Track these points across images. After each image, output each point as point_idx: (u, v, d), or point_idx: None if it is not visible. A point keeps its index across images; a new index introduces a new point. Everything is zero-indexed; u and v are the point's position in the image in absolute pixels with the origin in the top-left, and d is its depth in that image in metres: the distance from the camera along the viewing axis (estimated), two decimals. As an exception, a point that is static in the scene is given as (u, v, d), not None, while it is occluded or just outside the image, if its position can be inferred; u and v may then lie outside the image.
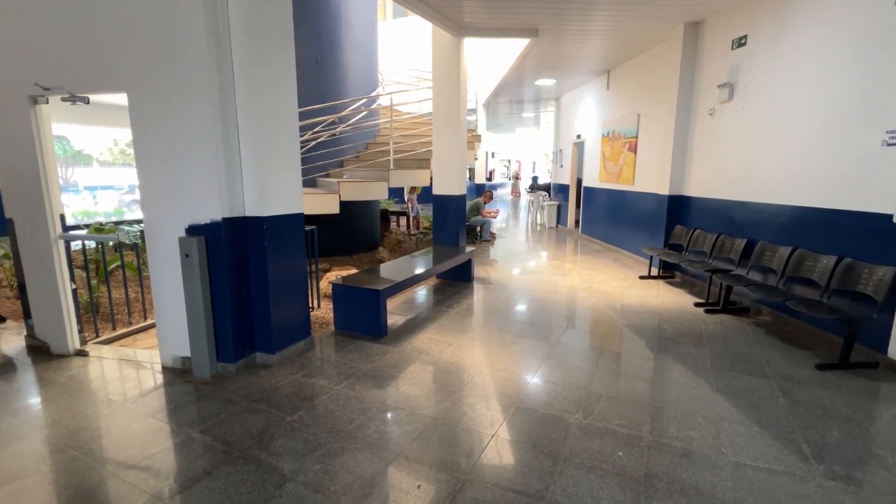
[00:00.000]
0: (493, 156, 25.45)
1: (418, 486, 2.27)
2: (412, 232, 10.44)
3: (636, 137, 7.73)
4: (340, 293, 4.36)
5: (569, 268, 7.38)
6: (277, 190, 3.58)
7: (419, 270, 5.07)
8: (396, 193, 12.99)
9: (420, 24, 12.33)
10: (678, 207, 6.50)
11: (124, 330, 4.58)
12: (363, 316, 4.27)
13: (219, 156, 3.25)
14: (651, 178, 7.21)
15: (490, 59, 10.71)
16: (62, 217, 3.88)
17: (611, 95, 8.89)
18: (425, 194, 11.87)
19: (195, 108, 3.21)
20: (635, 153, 7.79)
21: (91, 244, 5.70)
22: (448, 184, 6.44)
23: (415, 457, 2.51)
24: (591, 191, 10.00)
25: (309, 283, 4.40)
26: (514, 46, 8.13)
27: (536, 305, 5.37)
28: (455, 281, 6.28)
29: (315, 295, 5.09)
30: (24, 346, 4.12)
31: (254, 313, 3.62)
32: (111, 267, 5.68)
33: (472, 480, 2.31)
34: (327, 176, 7.22)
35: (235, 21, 3.24)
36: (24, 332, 4.18)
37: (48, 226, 3.76)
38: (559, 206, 12.15)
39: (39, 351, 4.00)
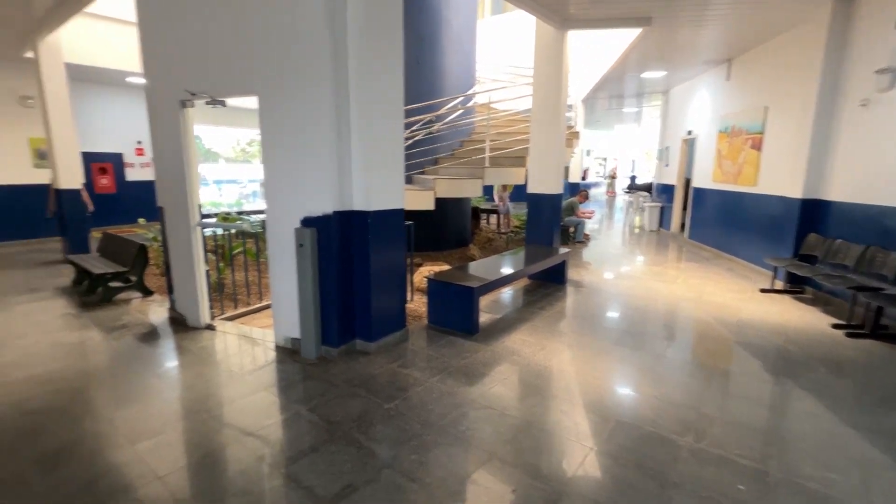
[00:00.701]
0: (588, 153, 24.38)
1: (513, 491, 2.22)
2: (503, 230, 10.36)
3: (761, 133, 6.89)
4: (435, 288, 4.44)
5: (673, 275, 6.80)
6: (382, 186, 3.73)
7: (512, 270, 5.00)
8: (486, 191, 12.98)
9: (519, 19, 12.15)
10: (813, 213, 5.67)
11: (243, 309, 5.09)
12: (456, 312, 4.30)
13: (333, 153, 3.47)
14: (778, 178, 6.38)
15: (591, 52, 10.24)
16: (199, 207, 4.41)
17: (731, 87, 8.02)
18: (517, 192, 11.71)
19: (314, 109, 3.45)
20: (759, 150, 6.94)
21: (219, 231, 6.42)
22: (544, 182, 6.27)
23: (508, 459, 2.46)
24: (701, 192, 9.13)
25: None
26: (621, 38, 7.67)
27: (636, 314, 5.02)
28: (547, 282, 6.10)
29: (409, 288, 5.25)
30: (166, 318, 4.77)
31: (355, 302, 3.82)
32: (234, 252, 6.35)
33: (568, 493, 2.21)
34: (422, 173, 7.40)
35: (352, 27, 3.41)
36: (168, 306, 4.83)
37: (189, 214, 4.30)
38: (662, 208, 11.27)
39: (178, 323, 4.60)
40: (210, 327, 4.46)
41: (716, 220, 8.48)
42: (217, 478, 2.34)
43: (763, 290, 5.88)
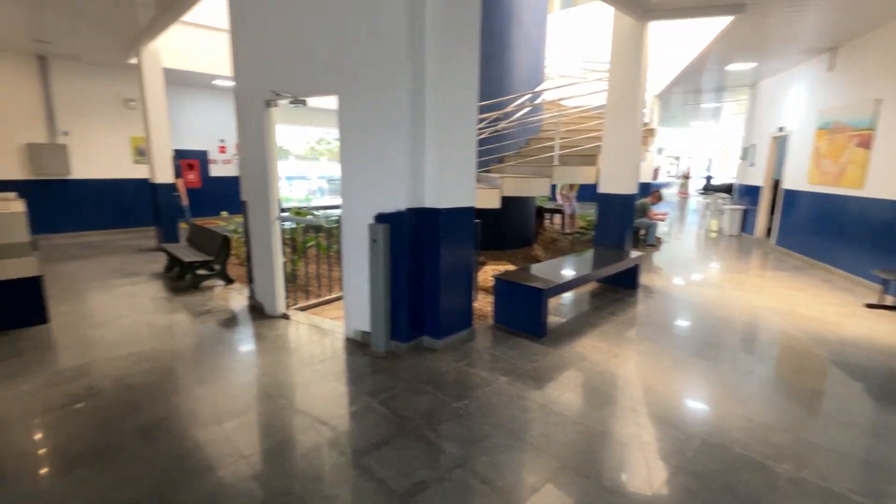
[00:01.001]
0: (659, 152, 23.10)
1: (590, 505, 2.12)
2: (567, 231, 10.06)
3: (870, 129, 6.14)
4: (502, 288, 4.37)
5: (758, 284, 6.26)
6: (454, 184, 3.71)
7: (582, 272, 4.81)
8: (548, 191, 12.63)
9: (591, 12, 11.72)
10: (935, 220, 4.98)
11: (314, 300, 5.30)
12: (523, 313, 4.21)
13: (407, 151, 3.50)
14: (891, 180, 5.67)
15: (669, 44, 9.66)
16: (279, 202, 4.64)
17: (835, 78, 7.23)
18: (581, 192, 11.32)
19: (391, 108, 3.50)
20: (868, 149, 6.20)
21: (292, 225, 6.74)
22: (618, 182, 5.98)
23: (582, 470, 2.36)
24: (793, 194, 8.33)
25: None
26: (706, 27, 7.15)
27: (717, 324, 4.66)
28: (617, 287, 5.82)
29: (474, 287, 5.21)
30: (246, 306, 5.06)
31: (424, 299, 3.84)
32: (307, 245, 6.64)
33: (651, 513, 2.07)
34: (488, 171, 7.33)
35: (430, 26, 3.41)
36: (248, 294, 5.14)
37: (269, 208, 4.53)
38: (745, 211, 10.42)
39: (256, 311, 4.87)
40: (285, 316, 4.68)
41: (810, 226, 7.70)
42: (295, 462, 2.42)
43: (869, 306, 5.25)
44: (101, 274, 6.45)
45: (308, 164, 19.28)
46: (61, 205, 9.60)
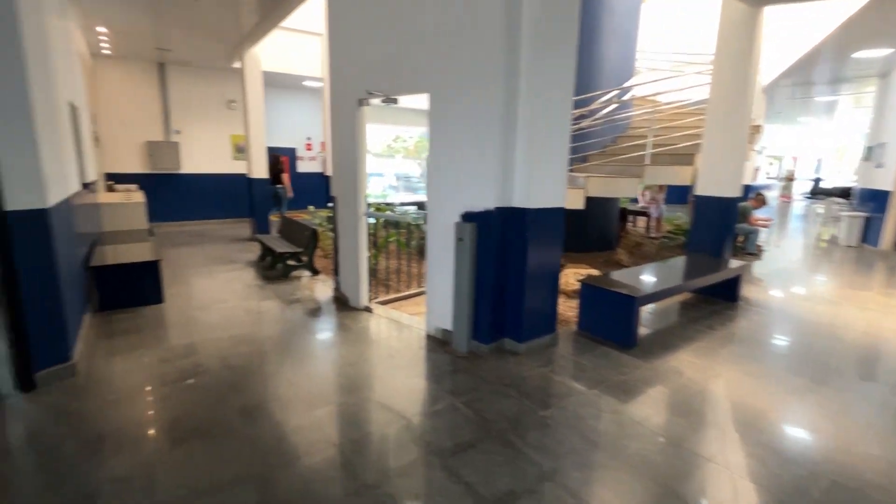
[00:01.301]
0: (760, 152, 21.03)
1: (700, 540, 1.92)
2: (653, 234, 9.45)
3: None
4: (588, 293, 4.16)
5: (883, 303, 5.44)
6: (544, 184, 3.58)
7: (676, 280, 4.46)
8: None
9: (688, 1, 10.89)
10: None
11: (394, 295, 5.41)
12: (611, 321, 3.97)
13: (498, 149, 3.43)
14: None
15: (780, 31, 8.69)
16: (366, 198, 4.77)
17: None
18: (669, 193, 10.58)
19: (483, 105, 3.44)
20: None
21: (371, 220, 6.93)
22: (719, 183, 5.48)
23: (690, 501, 2.14)
24: (932, 201, 7.15)
25: (556, 277, 4.33)
26: (829, 11, 6.33)
27: (836, 346, 4.10)
28: (714, 298, 5.34)
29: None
30: (331, 297, 5.28)
31: (508, 300, 3.75)
32: (389, 240, 6.80)
33: (775, 558, 1.83)
34: (571, 171, 7.05)
35: (528, 21, 3.29)
36: (333, 286, 5.35)
37: (357, 204, 4.67)
38: (867, 220, 9.14)
39: (341, 302, 5.06)
40: (368, 309, 4.81)
41: (956, 239, 6.56)
42: (382, 456, 2.45)
43: None
44: (204, 260, 7.07)
45: (384, 161, 19.86)
46: (171, 196, 10.67)
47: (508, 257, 3.68)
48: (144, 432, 2.63)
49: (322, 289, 5.65)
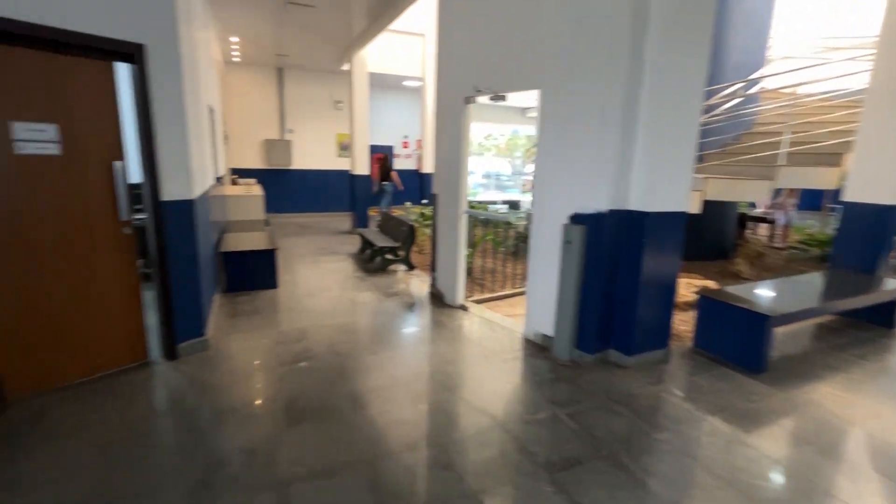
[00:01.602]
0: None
1: None
2: (779, 245, 8.37)
3: None
4: (707, 307, 3.75)
5: None
6: (666, 186, 3.29)
7: (815, 300, 3.87)
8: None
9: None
10: None
11: (488, 295, 5.35)
12: (735, 341, 3.55)
13: (615, 147, 3.20)
14: None
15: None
16: (466, 196, 4.75)
17: None
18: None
19: (600, 101, 3.23)
20: None
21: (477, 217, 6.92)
22: (877, 188, 4.64)
23: (850, 564, 1.81)
24: None
25: (669, 288, 3.97)
26: None
27: None
28: (863, 323, 4.56)
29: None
30: (427, 293, 5.36)
31: (616, 309, 3.50)
32: (486, 238, 6.77)
33: None
34: (685, 171, 6.46)
35: (657, 10, 3.02)
36: (429, 282, 5.44)
37: (458, 201, 4.67)
38: None
39: (436, 298, 5.12)
40: (463, 308, 4.81)
41: None
42: (485, 459, 2.39)
43: None
44: (310, 250, 7.58)
45: (474, 159, 19.89)
46: (282, 190, 11.62)
47: (620, 263, 3.43)
48: (266, 408, 2.84)
49: (417, 284, 5.76)
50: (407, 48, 10.22)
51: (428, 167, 10.69)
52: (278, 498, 2.09)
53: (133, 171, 3.13)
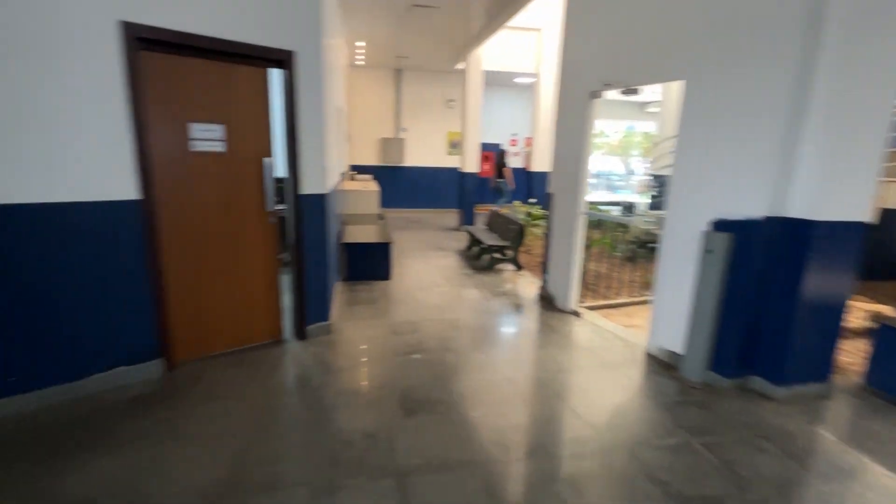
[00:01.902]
0: None
1: None
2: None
3: None
4: (888, 338, 3.10)
5: None
6: (842, 189, 2.77)
7: None
8: None
9: None
10: None
11: (602, 302, 5.03)
12: (928, 383, 2.88)
13: (776, 144, 2.77)
14: None
15: None
16: (585, 196, 4.50)
17: None
18: None
19: (759, 92, 2.81)
20: None
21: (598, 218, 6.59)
22: None
23: None
24: None
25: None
26: None
27: None
28: None
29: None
30: (536, 295, 5.21)
31: (764, 331, 3.04)
32: (602, 242, 6.41)
33: None
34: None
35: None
36: (539, 284, 5.28)
37: (577, 201, 4.44)
38: None
39: (546, 301, 4.94)
40: (575, 313, 4.58)
41: None
42: (610, 482, 2.22)
43: None
44: (420, 245, 7.83)
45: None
46: (394, 186, 12.18)
47: (774, 279, 2.97)
48: (383, 395, 2.95)
49: (525, 285, 5.63)
50: (521, 44, 10.05)
51: (537, 166, 10.45)
52: (398, 485, 2.14)
53: (278, 166, 3.46)
